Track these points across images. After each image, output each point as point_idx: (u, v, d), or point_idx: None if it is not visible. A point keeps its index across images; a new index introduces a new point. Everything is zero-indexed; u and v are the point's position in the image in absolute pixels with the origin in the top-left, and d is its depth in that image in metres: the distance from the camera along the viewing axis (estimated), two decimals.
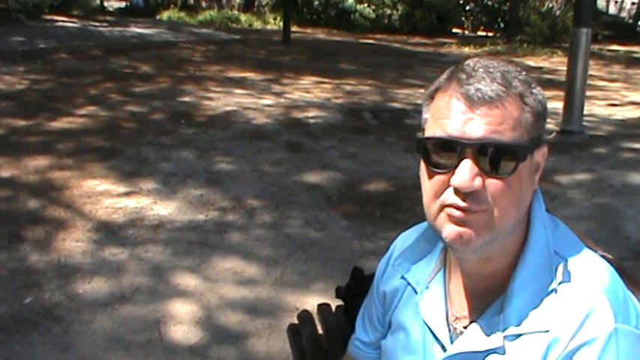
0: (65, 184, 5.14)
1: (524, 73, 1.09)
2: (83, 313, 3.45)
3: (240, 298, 3.68)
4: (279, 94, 9.07)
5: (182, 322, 3.42)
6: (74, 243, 4.22)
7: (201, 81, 9.64)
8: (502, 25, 21.51)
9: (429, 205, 1.08)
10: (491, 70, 1.06)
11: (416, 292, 1.27)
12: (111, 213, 4.67)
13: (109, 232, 4.39)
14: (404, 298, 1.30)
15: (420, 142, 1.08)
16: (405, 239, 1.36)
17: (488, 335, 1.11)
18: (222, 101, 8.36)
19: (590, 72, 8.37)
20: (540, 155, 1.11)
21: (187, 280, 3.82)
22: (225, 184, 5.32)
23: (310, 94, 9.23)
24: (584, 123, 7.37)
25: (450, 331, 1.19)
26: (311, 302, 3.48)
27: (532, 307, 1.07)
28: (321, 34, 17.92)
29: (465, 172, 1.01)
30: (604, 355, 1.00)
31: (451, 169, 1.03)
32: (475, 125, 1.01)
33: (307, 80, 10.30)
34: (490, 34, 21.27)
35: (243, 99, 8.59)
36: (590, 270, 1.09)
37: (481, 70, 1.06)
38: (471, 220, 1.03)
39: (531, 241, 1.11)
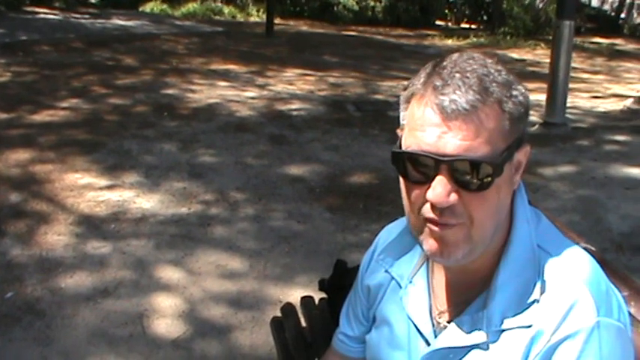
0: (47, 178, 5.10)
1: (504, 72, 1.05)
2: (65, 308, 3.43)
3: (224, 291, 3.67)
4: (262, 87, 9.03)
5: (165, 315, 3.41)
6: (56, 237, 4.18)
7: (184, 73, 9.59)
8: (485, 17, 21.51)
9: (410, 217, 1.09)
10: (468, 75, 1.02)
11: (400, 287, 1.27)
12: (93, 206, 4.63)
13: (91, 225, 4.37)
14: (388, 293, 1.30)
15: (395, 156, 1.07)
16: (389, 233, 1.35)
17: (471, 331, 1.11)
18: (205, 94, 8.32)
19: (573, 64, 8.40)
20: (522, 154, 1.09)
21: (170, 274, 3.81)
22: (208, 177, 5.30)
23: (293, 86, 9.21)
24: (567, 115, 7.42)
25: (433, 325, 1.19)
26: (294, 295, 3.47)
27: (515, 303, 1.07)
28: (304, 26, 17.84)
29: (440, 188, 1.00)
30: (586, 349, 1.00)
31: (427, 182, 1.02)
32: (449, 140, 0.99)
33: (291, 72, 10.26)
34: (473, 26, 21.27)
35: (227, 91, 8.55)
36: (573, 263, 1.09)
37: (457, 75, 1.02)
38: (450, 234, 1.04)
39: (514, 236, 1.11)
